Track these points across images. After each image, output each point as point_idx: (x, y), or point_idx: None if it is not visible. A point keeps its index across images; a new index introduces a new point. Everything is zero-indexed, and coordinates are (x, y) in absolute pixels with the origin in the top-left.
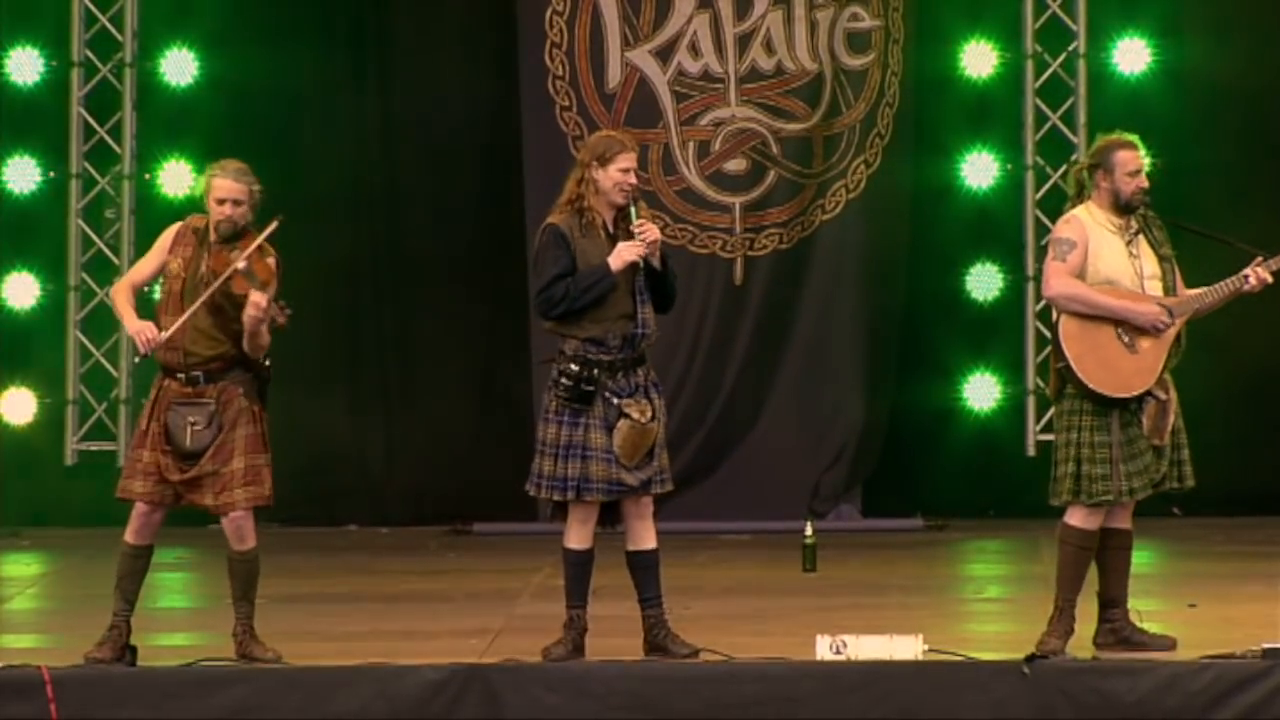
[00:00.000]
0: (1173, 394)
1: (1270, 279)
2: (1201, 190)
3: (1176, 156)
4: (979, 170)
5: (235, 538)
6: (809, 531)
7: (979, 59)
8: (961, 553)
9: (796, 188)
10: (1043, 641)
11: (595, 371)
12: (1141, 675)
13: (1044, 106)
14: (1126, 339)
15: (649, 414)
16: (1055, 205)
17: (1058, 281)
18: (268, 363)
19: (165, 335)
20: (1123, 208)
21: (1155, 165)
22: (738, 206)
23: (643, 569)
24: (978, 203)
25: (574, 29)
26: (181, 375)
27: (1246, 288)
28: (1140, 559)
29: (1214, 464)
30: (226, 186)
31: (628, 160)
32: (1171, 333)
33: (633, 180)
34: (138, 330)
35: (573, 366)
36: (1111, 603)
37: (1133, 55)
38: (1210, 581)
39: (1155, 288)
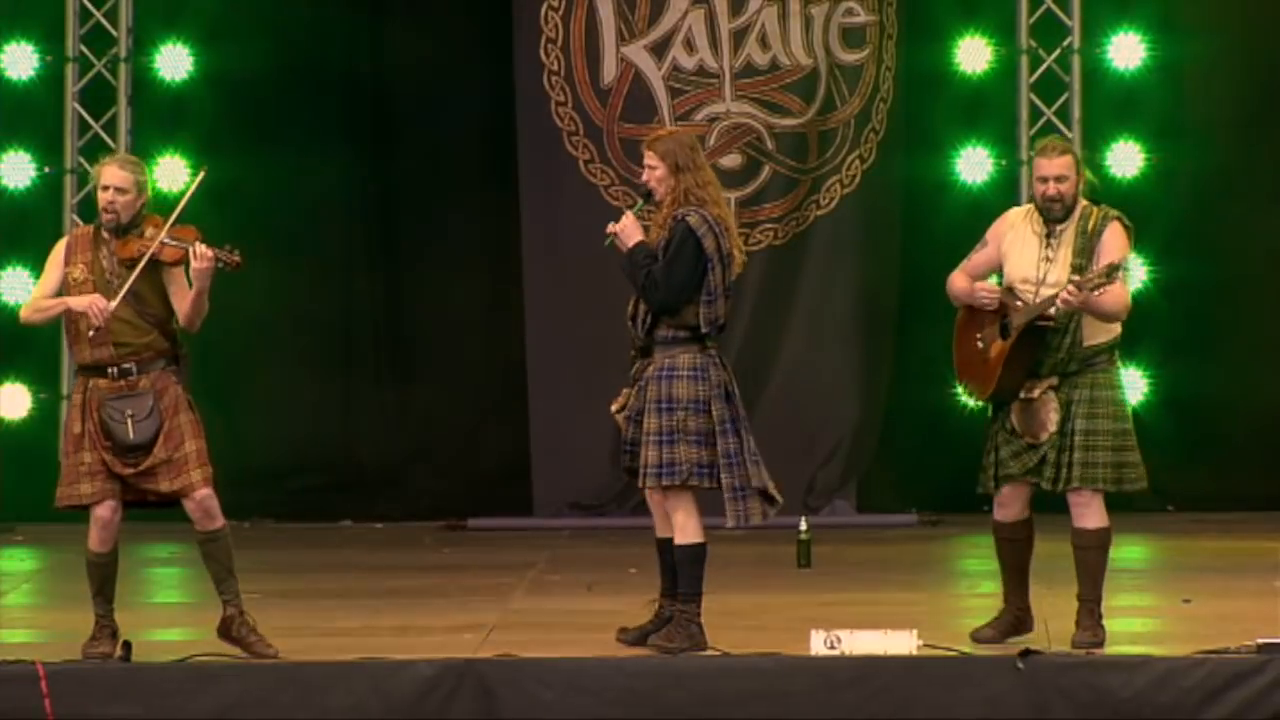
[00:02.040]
0: (1050, 395)
1: (1073, 297)
2: (1196, 186)
3: (1171, 152)
4: (973, 166)
5: (206, 517)
6: (804, 527)
7: (973, 54)
8: (956, 548)
9: (791, 183)
10: (976, 630)
11: (632, 354)
12: (1136, 670)
13: (1038, 102)
14: (981, 343)
15: (615, 405)
16: None
17: (949, 279)
18: (186, 350)
19: (115, 302)
20: (1040, 212)
21: (1149, 160)
22: (733, 202)
23: (672, 561)
24: (972, 198)
25: (569, 24)
26: (113, 369)
27: (1057, 304)
28: (1135, 554)
29: (1212, 461)
30: (109, 173)
31: (646, 156)
32: (1008, 345)
33: (646, 175)
34: (89, 302)
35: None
36: (1078, 599)
37: (1127, 50)
38: (1205, 577)
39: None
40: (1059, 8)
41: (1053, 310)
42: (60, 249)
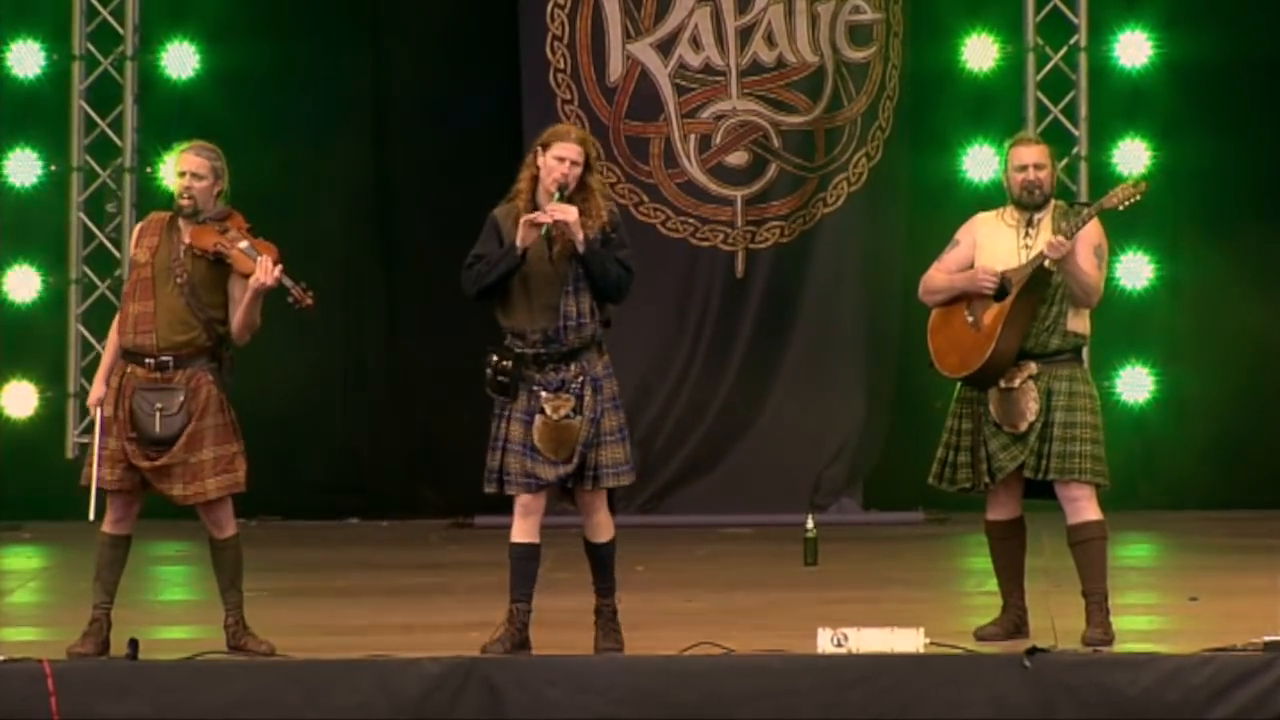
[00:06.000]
0: (1030, 385)
1: (1062, 243)
2: (1202, 184)
3: (1177, 150)
4: (980, 164)
5: (214, 526)
6: (810, 525)
7: (980, 52)
8: (962, 546)
9: (798, 181)
10: (980, 628)
11: (511, 363)
12: (1143, 668)
13: (1045, 100)
14: (972, 318)
15: (563, 411)
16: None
17: (922, 280)
18: (230, 353)
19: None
20: (1016, 202)
21: (1155, 158)
22: (739, 200)
23: (591, 560)
24: (979, 196)
25: (575, 22)
26: (150, 360)
27: (1048, 257)
28: (1142, 552)
29: (1218, 459)
30: (186, 160)
31: (564, 149)
32: (1008, 302)
33: (565, 169)
34: (96, 400)
35: (493, 356)
36: (1084, 594)
37: (1134, 48)
38: (1211, 575)
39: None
40: (1065, 6)
41: (1047, 261)
42: (134, 235)
